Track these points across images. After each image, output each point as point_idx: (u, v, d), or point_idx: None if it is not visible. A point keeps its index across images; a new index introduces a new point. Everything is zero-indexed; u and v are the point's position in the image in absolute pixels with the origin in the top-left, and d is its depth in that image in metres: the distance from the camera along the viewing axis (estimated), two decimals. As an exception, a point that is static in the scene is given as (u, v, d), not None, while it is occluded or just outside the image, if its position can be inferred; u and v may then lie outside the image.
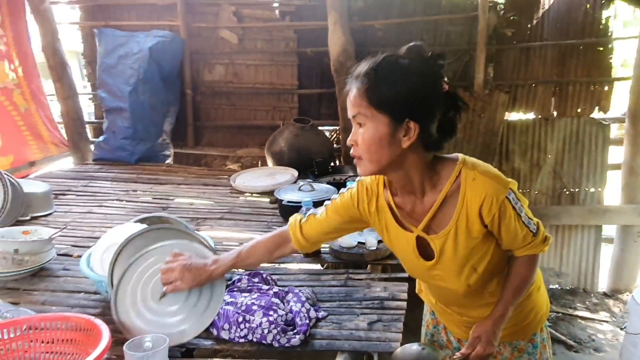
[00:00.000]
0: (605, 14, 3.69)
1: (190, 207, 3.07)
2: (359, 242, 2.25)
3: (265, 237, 1.63)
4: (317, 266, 2.53)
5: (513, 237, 1.25)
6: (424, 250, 1.33)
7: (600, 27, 3.68)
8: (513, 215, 1.21)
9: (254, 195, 3.28)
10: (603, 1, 3.66)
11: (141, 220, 2.11)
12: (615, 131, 4.02)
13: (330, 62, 3.79)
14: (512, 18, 3.79)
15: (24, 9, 3.97)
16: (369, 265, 2.20)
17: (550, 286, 3.76)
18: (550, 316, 3.46)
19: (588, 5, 3.67)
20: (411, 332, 3.19)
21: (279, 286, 1.93)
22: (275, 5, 4.12)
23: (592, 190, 3.82)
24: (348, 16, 3.75)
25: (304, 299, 1.76)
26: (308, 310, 1.72)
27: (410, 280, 2.14)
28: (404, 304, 1.80)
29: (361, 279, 2.03)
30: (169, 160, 4.24)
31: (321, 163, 3.52)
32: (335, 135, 4.40)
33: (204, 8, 4.15)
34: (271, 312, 1.66)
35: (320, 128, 4.01)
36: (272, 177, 3.44)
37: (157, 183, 3.54)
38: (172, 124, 4.19)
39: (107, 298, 1.68)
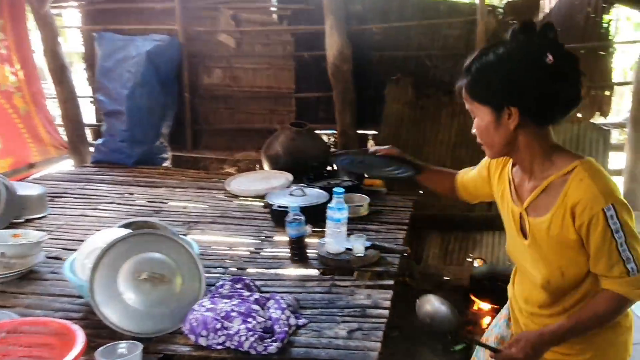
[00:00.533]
0: (606, 18, 3.64)
1: (183, 210, 3.07)
2: (346, 248, 2.23)
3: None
4: (308, 271, 2.52)
5: (598, 258, 1.19)
6: (524, 230, 1.35)
7: (602, 31, 3.63)
8: (605, 233, 1.16)
9: (247, 199, 3.28)
10: (604, 5, 3.61)
11: (127, 225, 2.12)
12: (615, 137, 3.96)
13: (327, 65, 3.78)
14: (510, 22, 3.74)
15: (24, 13, 4.01)
16: (355, 272, 2.19)
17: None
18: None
19: (589, 9, 3.62)
20: (406, 337, 3.17)
21: (261, 292, 1.92)
22: (273, 9, 4.12)
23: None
24: (345, 20, 3.74)
25: (284, 305, 1.75)
26: (288, 318, 1.71)
27: (396, 287, 2.12)
28: (386, 312, 1.79)
29: (346, 286, 2.02)
30: (167, 163, 4.26)
31: (316, 167, 3.50)
32: (332, 139, 4.39)
33: (202, 12, 4.16)
34: (250, 319, 1.65)
35: (317, 132, 3.99)
36: (266, 181, 3.43)
37: (152, 186, 3.55)
38: (170, 127, 4.21)
39: (89, 302, 1.69)
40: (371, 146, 4.23)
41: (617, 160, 3.82)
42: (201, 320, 1.62)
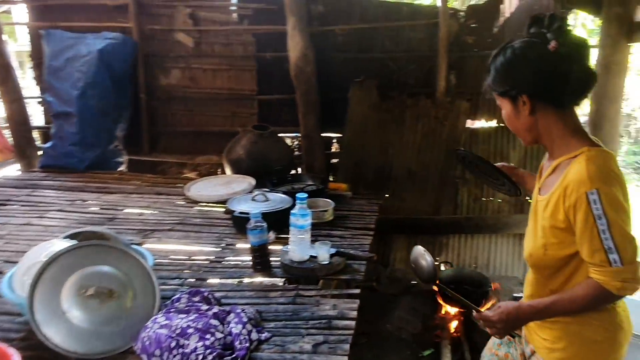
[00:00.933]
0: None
1: (139, 218, 2.91)
2: (311, 256, 2.14)
3: None
4: (271, 281, 2.41)
5: (581, 243, 1.24)
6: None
7: (559, 35, 3.69)
8: (586, 216, 1.20)
9: (208, 205, 3.14)
10: (562, 10, 3.67)
11: (72, 236, 1.96)
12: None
13: (290, 67, 3.69)
14: (472, 26, 3.77)
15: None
16: (320, 281, 2.10)
17: (514, 295, 3.72)
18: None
19: (548, 14, 3.68)
20: (374, 345, 3.11)
21: (221, 306, 1.81)
22: (233, 8, 3.99)
23: (552, 198, 3.83)
24: (307, 21, 3.67)
25: (245, 319, 1.64)
26: (249, 332, 1.61)
27: (363, 293, 2.05)
28: (353, 323, 1.71)
29: (311, 296, 1.93)
30: (122, 168, 4.05)
31: (280, 171, 3.41)
32: (296, 142, 4.30)
33: (157, 10, 3.99)
34: (208, 336, 1.54)
35: (280, 135, 3.90)
36: (228, 186, 3.31)
37: (106, 192, 3.35)
38: (124, 130, 4.01)
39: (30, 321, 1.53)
40: (336, 148, 4.18)
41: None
42: (154, 338, 1.49)
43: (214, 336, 1.54)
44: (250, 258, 2.17)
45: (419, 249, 1.74)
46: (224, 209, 3.00)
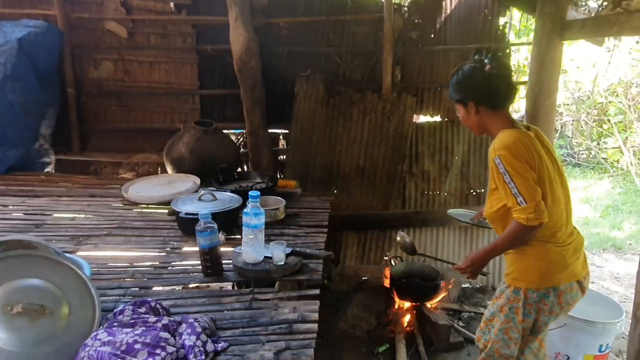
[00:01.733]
0: (502, 20, 3.83)
1: (71, 223, 2.65)
2: (265, 257, 2.03)
3: None
4: (224, 286, 2.28)
5: (504, 194, 1.77)
6: None
7: (498, 32, 3.81)
8: (499, 175, 1.76)
9: (149, 206, 2.93)
10: (500, 8, 3.79)
11: (-7, 246, 1.71)
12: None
13: (233, 60, 3.53)
14: (416, 21, 3.80)
15: None
16: (277, 283, 1.99)
17: (463, 285, 3.81)
18: (463, 316, 3.49)
19: (486, 11, 3.79)
20: (329, 344, 3.03)
21: (170, 316, 1.65)
22: (170, -4, 3.76)
23: (496, 190, 3.95)
24: (250, 12, 3.52)
25: (199, 329, 1.51)
26: (204, 344, 1.48)
27: (322, 297, 1.97)
28: (315, 326, 1.62)
29: (268, 299, 1.82)
30: (49, 169, 3.70)
31: (226, 169, 3.25)
32: (241, 139, 4.14)
33: (85, -4, 3.67)
34: (158, 350, 1.39)
35: (225, 131, 3.73)
36: (170, 185, 3.11)
37: (31, 196, 3.04)
38: (51, 127, 3.66)
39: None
40: (283, 145, 4.06)
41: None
42: (96, 357, 1.33)
43: (165, 350, 1.39)
44: (200, 262, 2.02)
45: (400, 234, 2.66)
46: (167, 211, 2.81)
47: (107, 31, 3.73)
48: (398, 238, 2.63)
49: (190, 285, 2.00)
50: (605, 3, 3.41)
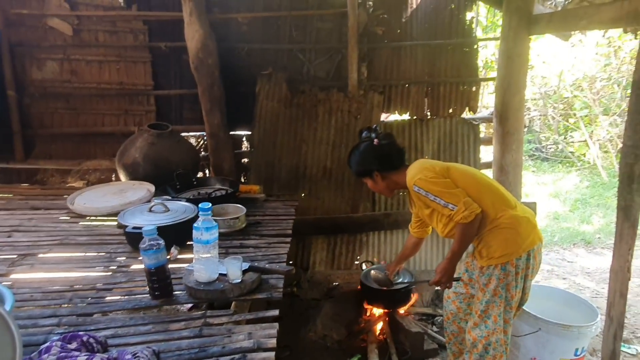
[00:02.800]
0: (468, 15, 3.73)
1: (7, 240, 2.39)
2: (220, 274, 1.85)
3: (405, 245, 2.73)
4: (174, 309, 2.08)
5: (439, 210, 2.09)
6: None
7: (465, 28, 3.71)
8: (425, 198, 2.08)
9: (97, 219, 2.69)
10: (466, 2, 3.69)
11: None
12: (483, 131, 4.11)
13: (190, 58, 3.31)
14: (381, 16, 3.66)
15: None
16: (232, 303, 1.81)
17: (436, 288, 3.70)
18: (437, 320, 3.38)
19: (453, 6, 3.68)
20: (298, 356, 2.87)
21: (107, 350, 1.45)
22: (118, -9, 3.50)
23: (466, 190, 3.86)
24: (206, 7, 3.30)
25: (138, 367, 1.31)
26: (144, 384, 1.28)
27: (282, 304, 1.81)
28: (272, 355, 1.45)
29: (221, 324, 1.63)
30: (-12, 179, 3.41)
31: (183, 175, 3.04)
32: (201, 142, 3.92)
33: (24, -9, 3.38)
34: (87, 397, 1.19)
35: (183, 134, 3.51)
36: (121, 194, 2.88)
37: (-36, 210, 2.76)
38: (-10, 134, 3.36)
39: None
40: (246, 147, 3.87)
41: (486, 153, 3.96)
42: (10, 410, 1.12)
43: (95, 396, 1.20)
44: (147, 283, 1.82)
45: (373, 270, 2.91)
46: (116, 223, 2.58)
47: (50, 28, 3.44)
48: (372, 272, 2.85)
49: (135, 312, 1.79)
50: (571, -4, 3.35)
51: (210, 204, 1.80)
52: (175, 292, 1.85)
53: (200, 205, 1.78)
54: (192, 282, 1.82)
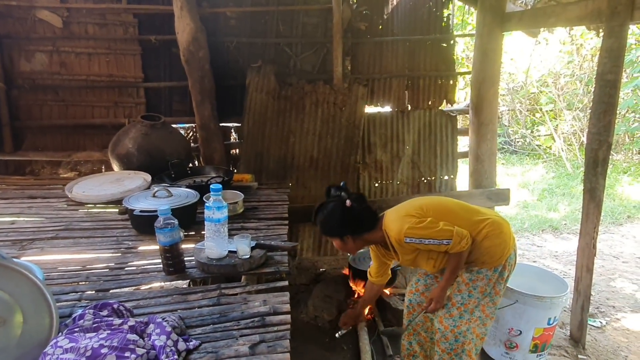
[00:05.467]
0: (445, 12, 3.95)
1: (11, 226, 2.45)
2: (229, 251, 1.98)
3: (366, 294, 2.81)
4: (184, 284, 2.20)
5: (434, 249, 2.11)
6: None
7: (443, 24, 3.93)
8: (417, 246, 2.10)
9: (97, 206, 2.77)
10: (443, 0, 3.90)
11: None
12: (460, 122, 4.34)
13: (180, 51, 3.40)
14: (364, 12, 3.83)
15: None
16: (243, 277, 1.95)
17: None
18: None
19: (430, 4, 3.89)
20: (291, 336, 3.03)
21: (136, 317, 1.57)
22: (108, -16, 3.54)
23: (446, 178, 4.09)
24: (196, 1, 3.40)
25: (169, 329, 1.44)
26: (176, 343, 1.41)
27: (293, 291, 1.96)
28: (288, 317, 1.60)
29: (236, 294, 1.77)
30: (-22, 171, 3.40)
31: (177, 164, 3.13)
32: (191, 133, 4.00)
33: (13, -18, 3.38)
34: (127, 353, 1.32)
35: (173, 125, 3.59)
36: (119, 183, 2.95)
37: (-40, 200, 2.78)
38: (-21, 126, 3.36)
39: None
40: (234, 138, 3.98)
41: (463, 143, 4.20)
42: (58, 366, 1.23)
43: (135, 353, 1.32)
44: (161, 260, 1.93)
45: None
46: (117, 210, 2.67)
47: (39, 20, 3.46)
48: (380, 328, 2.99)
49: (152, 285, 1.90)
50: (541, -4, 3.61)
51: (221, 186, 1.93)
52: (187, 269, 1.98)
53: (211, 186, 1.91)
54: (203, 258, 1.95)
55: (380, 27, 3.89)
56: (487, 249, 2.15)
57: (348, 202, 2.11)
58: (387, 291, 3.33)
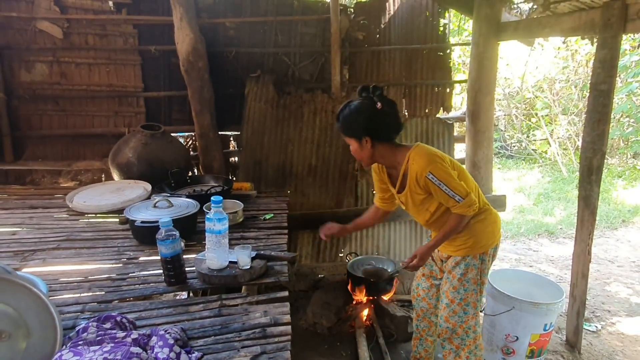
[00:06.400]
0: (442, 21, 4.00)
1: (13, 238, 2.47)
2: (230, 262, 2.01)
3: (365, 214, 2.58)
4: (184, 295, 2.22)
5: (442, 199, 2.08)
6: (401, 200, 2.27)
7: (439, 33, 3.98)
8: (436, 187, 2.02)
9: (97, 216, 2.79)
10: (440, 10, 3.95)
11: None
12: (457, 129, 4.39)
13: (180, 61, 3.44)
14: (362, 22, 3.87)
15: None
16: (243, 288, 1.98)
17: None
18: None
19: (428, 13, 3.93)
20: (292, 344, 3.06)
21: (138, 329, 1.60)
22: (108, -5, 3.57)
23: (443, 184, 4.12)
24: (196, 12, 3.43)
25: (171, 341, 1.47)
26: (178, 355, 1.44)
27: (292, 298, 1.98)
28: (289, 328, 1.63)
29: (237, 305, 1.80)
30: (-21, 181, 3.42)
31: (177, 173, 3.16)
32: (191, 142, 4.04)
33: (13, -6, 3.41)
34: (131, 366, 1.34)
35: (173, 135, 3.62)
36: (119, 192, 2.98)
37: (-39, 211, 2.80)
38: (-21, 136, 3.38)
39: None
40: (233, 147, 4.01)
41: (460, 149, 4.24)
42: (63, 380, 1.26)
43: (139, 366, 1.35)
44: (162, 271, 1.96)
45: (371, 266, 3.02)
46: (118, 219, 2.69)
47: (39, 31, 3.48)
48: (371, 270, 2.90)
49: (154, 296, 1.93)
50: (535, 6, 3.66)
51: (222, 197, 1.96)
52: (189, 280, 2.00)
53: (212, 198, 1.94)
54: (204, 269, 1.98)
55: (378, 36, 3.94)
56: (479, 232, 2.21)
57: (379, 104, 1.98)
58: (385, 297, 3.37)
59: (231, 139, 4.03)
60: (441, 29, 3.98)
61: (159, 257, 1.94)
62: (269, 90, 3.72)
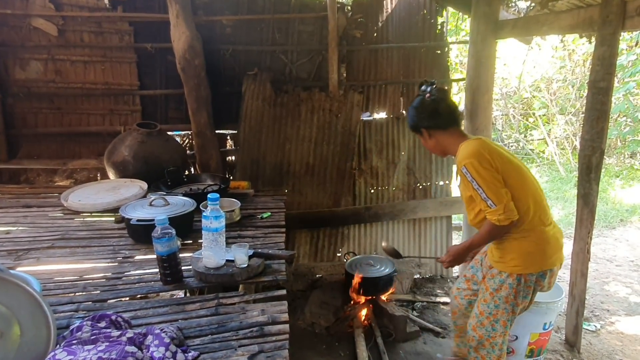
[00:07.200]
0: (439, 20, 3.98)
1: (7, 237, 2.44)
2: (227, 260, 1.98)
3: None
4: (181, 294, 2.19)
5: (477, 199, 2.00)
6: None
7: (437, 31, 3.96)
8: (469, 183, 1.99)
9: (93, 215, 2.76)
10: (437, 8, 3.94)
11: None
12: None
13: (176, 59, 3.41)
14: (359, 20, 3.86)
15: None
16: (240, 286, 1.95)
17: (415, 277, 3.93)
18: (417, 306, 3.60)
19: (425, 11, 3.92)
20: (290, 344, 3.03)
21: (134, 328, 1.57)
22: (103, -8, 3.54)
23: (442, 183, 4.11)
24: (192, 10, 3.41)
25: (167, 340, 1.44)
26: (174, 354, 1.42)
27: (290, 298, 1.96)
28: (287, 327, 1.61)
29: (234, 303, 1.78)
30: (-27, 179, 3.38)
31: (174, 172, 3.13)
32: (187, 140, 4.01)
33: (8, -9, 3.37)
34: (126, 366, 1.31)
35: (169, 133, 3.59)
36: (115, 191, 2.95)
37: (-45, 209, 2.77)
38: (-27, 134, 3.34)
39: None
40: (230, 145, 3.99)
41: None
42: (57, 379, 1.23)
43: (134, 365, 1.32)
44: (158, 269, 1.93)
45: (384, 243, 2.78)
46: (113, 218, 2.66)
47: (34, 29, 3.45)
48: (384, 244, 2.76)
49: (150, 295, 1.90)
50: (533, 4, 3.65)
51: (218, 195, 1.94)
52: (185, 279, 1.98)
53: (209, 196, 1.92)
54: (201, 267, 1.95)
55: (375, 34, 3.92)
56: (516, 249, 2.07)
57: (427, 94, 2.09)
58: (383, 297, 3.34)
59: (228, 137, 4.01)
60: (439, 27, 3.97)
61: (154, 256, 1.92)
62: (266, 89, 3.70)
